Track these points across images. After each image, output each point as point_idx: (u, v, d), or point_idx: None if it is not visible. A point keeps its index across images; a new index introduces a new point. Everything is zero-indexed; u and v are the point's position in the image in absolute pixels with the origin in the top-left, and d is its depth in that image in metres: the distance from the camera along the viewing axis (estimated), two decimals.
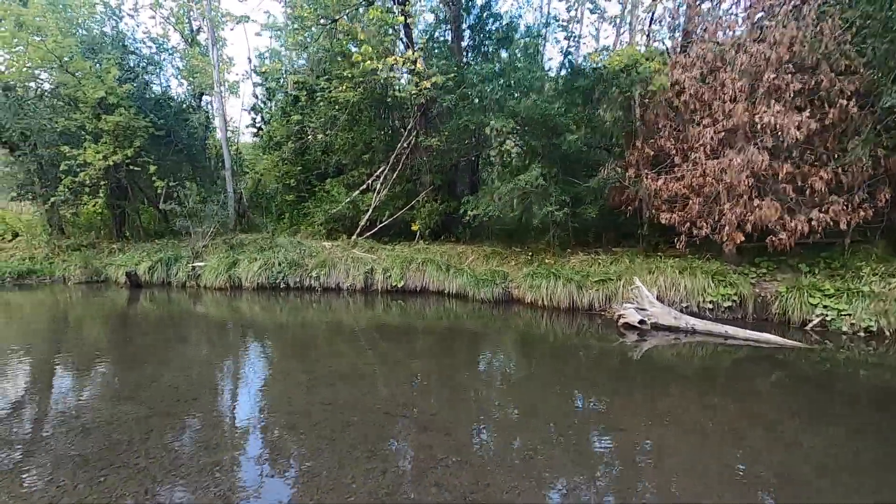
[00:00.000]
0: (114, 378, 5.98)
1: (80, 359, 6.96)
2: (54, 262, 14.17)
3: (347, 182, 13.73)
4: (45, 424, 4.69)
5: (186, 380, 5.79)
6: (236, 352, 7.67)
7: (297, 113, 14.49)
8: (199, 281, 12.15)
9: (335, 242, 12.89)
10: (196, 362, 6.75)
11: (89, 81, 11.72)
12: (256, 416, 4.85)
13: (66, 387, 5.85)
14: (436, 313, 10.06)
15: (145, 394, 5.25)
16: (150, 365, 6.37)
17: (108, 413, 4.76)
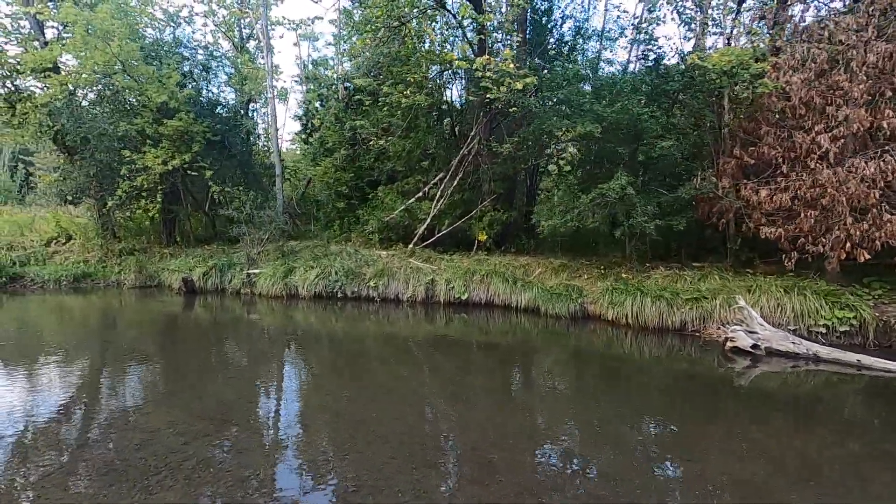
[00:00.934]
0: (164, 384, 5.98)
1: (136, 364, 6.91)
2: (107, 265, 14.18)
3: (401, 190, 13.36)
4: (93, 428, 4.69)
5: (234, 388, 5.82)
6: (288, 362, 7.50)
7: (350, 119, 14.24)
8: (253, 288, 11.89)
9: (391, 251, 12.49)
10: (247, 371, 6.72)
11: (152, 86, 11.69)
12: (297, 429, 4.77)
13: (120, 391, 5.83)
14: (502, 328, 9.52)
15: (194, 402, 5.22)
16: (201, 373, 6.43)
17: (156, 419, 4.73)
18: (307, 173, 18.08)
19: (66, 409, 5.17)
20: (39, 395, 5.62)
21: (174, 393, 5.58)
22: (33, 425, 4.73)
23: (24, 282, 13.01)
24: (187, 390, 5.64)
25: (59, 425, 4.74)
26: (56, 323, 10.02)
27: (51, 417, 4.91)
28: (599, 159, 9.98)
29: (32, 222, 17.68)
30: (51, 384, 6.00)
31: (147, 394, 5.61)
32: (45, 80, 13.17)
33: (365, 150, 14.45)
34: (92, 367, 6.86)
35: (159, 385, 5.95)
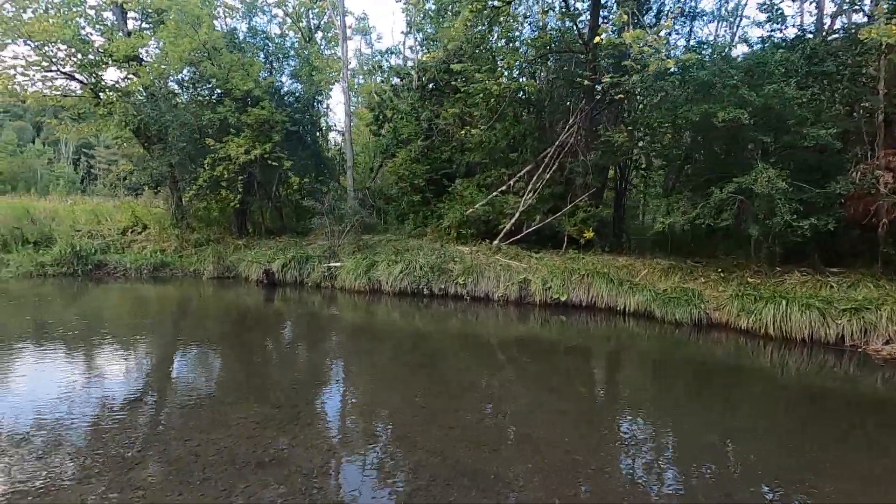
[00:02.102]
0: (241, 374, 5.96)
1: (221, 354, 7.08)
2: (183, 255, 14.19)
3: (482, 183, 12.71)
4: (168, 416, 4.78)
5: (310, 380, 5.99)
6: (364, 358, 7.21)
7: (428, 109, 13.70)
8: (334, 282, 11.53)
9: (473, 247, 11.88)
10: (324, 365, 6.79)
11: (237, 73, 11.47)
12: (362, 426, 4.70)
13: (204, 379, 5.97)
14: (605, 333, 8.77)
15: (270, 393, 5.26)
16: (279, 366, 6.58)
17: (228, 410, 4.72)
18: (373, 165, 17.75)
19: (157, 393, 5.45)
20: (137, 379, 5.86)
21: (254, 382, 5.61)
22: (120, 407, 4.88)
23: (107, 269, 13.15)
24: (265, 381, 5.72)
25: (139, 411, 4.87)
26: (151, 312, 9.91)
27: (136, 401, 5.12)
28: (726, 150, 8.98)
29: (107, 211, 18.12)
30: (148, 369, 6.32)
31: (227, 383, 5.73)
32: (129, 69, 13.23)
33: (442, 142, 13.88)
34: (184, 354, 7.13)
35: (239, 375, 5.99)
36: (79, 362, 6.52)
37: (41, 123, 70.80)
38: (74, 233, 15.07)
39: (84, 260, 12.75)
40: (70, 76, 13.52)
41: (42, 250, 13.37)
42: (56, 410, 4.70)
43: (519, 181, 11.89)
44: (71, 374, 5.90)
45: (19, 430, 4.25)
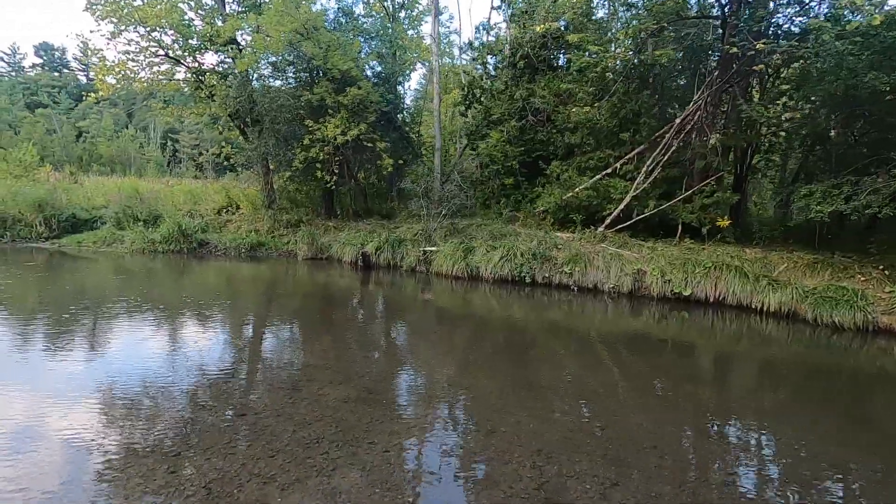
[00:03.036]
0: (332, 354, 5.86)
1: (315, 332, 7.15)
2: (275, 236, 14.52)
3: (583, 165, 11.88)
4: (261, 390, 4.84)
5: (396, 363, 5.90)
6: (455, 344, 6.88)
7: (524, 87, 12.97)
8: (429, 266, 11.27)
9: (574, 234, 11.17)
10: (413, 349, 6.59)
11: (336, 53, 11.31)
12: (441, 412, 4.53)
13: (298, 358, 5.86)
14: (735, 333, 7.83)
15: (358, 373, 5.21)
16: (369, 347, 6.50)
17: (318, 387, 4.73)
18: (454, 148, 17.29)
19: (254, 367, 5.55)
20: (239, 352, 5.99)
21: (344, 361, 5.59)
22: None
23: (209, 247, 13.70)
24: (355, 360, 5.70)
25: (235, 382, 4.96)
26: (253, 289, 10.11)
27: (233, 372, 5.26)
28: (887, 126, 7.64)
29: (202, 192, 19.01)
30: (248, 344, 6.44)
31: (319, 361, 5.62)
32: (230, 53, 13.48)
33: (537, 122, 13.13)
34: (283, 331, 7.22)
35: (331, 354, 5.89)
36: (185, 333, 6.76)
37: (132, 110, 76.02)
38: (176, 212, 15.91)
39: (189, 238, 13.33)
40: (176, 60, 14.01)
41: (150, 228, 14.16)
42: (161, 378, 4.96)
43: (627, 164, 10.96)
44: (180, 344, 6.20)
45: (130, 395, 4.54)
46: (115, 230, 14.22)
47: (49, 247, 13.53)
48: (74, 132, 55.27)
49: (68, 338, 6.18)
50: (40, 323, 6.76)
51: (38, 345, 5.93)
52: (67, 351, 5.72)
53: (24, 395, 4.52)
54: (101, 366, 5.30)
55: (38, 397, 4.43)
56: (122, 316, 7.30)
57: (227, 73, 14.12)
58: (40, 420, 4.01)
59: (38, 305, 7.69)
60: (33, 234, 14.03)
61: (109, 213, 15.00)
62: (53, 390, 4.57)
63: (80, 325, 6.68)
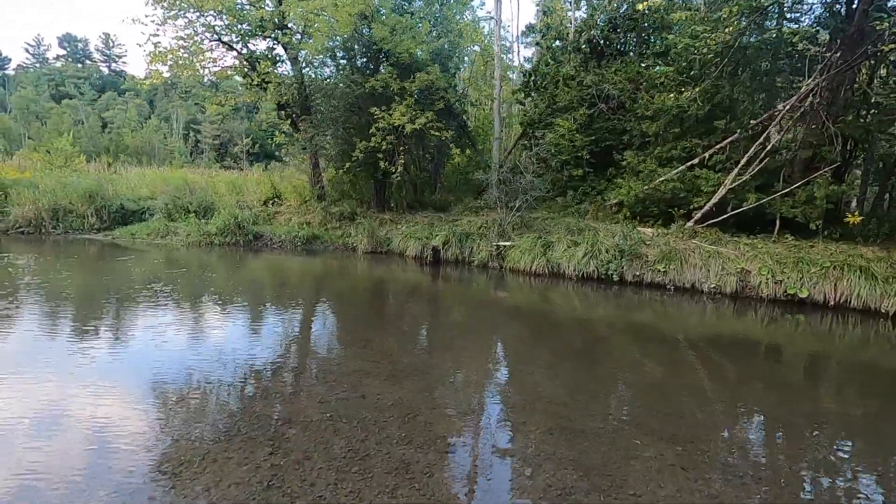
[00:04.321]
0: (394, 353, 5.46)
1: (385, 329, 6.71)
2: (328, 228, 14.06)
3: (664, 155, 11.15)
4: (314, 382, 4.65)
5: (464, 361, 5.48)
6: (526, 344, 6.37)
7: (595, 71, 12.24)
8: (503, 262, 10.70)
9: (660, 229, 10.49)
10: (481, 349, 6.10)
11: (405, 36, 10.69)
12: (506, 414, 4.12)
13: (365, 354, 5.43)
14: (860, 339, 7.14)
15: (416, 378, 4.71)
16: (435, 344, 6.22)
17: (377, 382, 4.50)
18: (504, 137, 16.59)
19: (310, 360, 5.32)
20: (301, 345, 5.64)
21: (408, 356, 5.38)
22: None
23: (263, 240, 13.29)
24: (419, 357, 5.47)
25: (291, 375, 4.83)
26: (322, 285, 9.61)
27: (295, 367, 5.06)
28: None
29: (243, 183, 18.63)
30: (313, 339, 6.11)
31: (386, 357, 5.29)
32: (284, 37, 12.95)
33: (609, 110, 12.41)
34: (353, 327, 6.65)
35: (398, 349, 5.62)
36: (284, 330, 6.32)
37: (153, 100, 76.22)
38: (229, 203, 15.52)
39: (244, 231, 12.93)
40: (229, 46, 13.52)
41: (203, 220, 13.79)
42: (217, 371, 4.73)
43: (718, 153, 10.22)
44: (283, 343, 5.78)
45: (181, 388, 4.32)
46: (166, 222, 13.88)
47: (103, 238, 13.24)
48: (100, 123, 55.68)
49: (172, 333, 5.75)
50: (147, 321, 6.35)
51: (136, 342, 5.51)
52: (172, 348, 5.28)
53: (122, 390, 4.17)
54: (202, 357, 5.01)
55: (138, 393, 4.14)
56: (215, 311, 6.87)
57: (278, 59, 13.62)
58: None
59: (132, 302, 7.30)
60: (86, 226, 13.75)
61: (160, 204, 14.67)
62: (151, 389, 4.23)
63: (180, 322, 6.26)
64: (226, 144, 61.46)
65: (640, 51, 12.46)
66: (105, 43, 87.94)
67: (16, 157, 22.02)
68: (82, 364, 4.74)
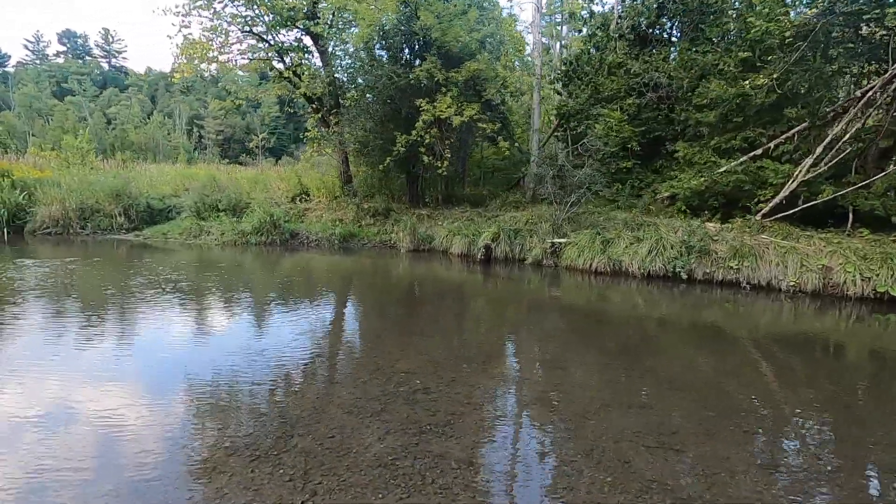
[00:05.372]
0: (454, 349, 5.36)
1: (440, 330, 6.34)
2: (362, 226, 13.62)
3: (723, 146, 10.69)
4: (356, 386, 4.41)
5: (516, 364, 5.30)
6: (577, 345, 6.00)
7: (643, 59, 11.74)
8: (558, 260, 10.27)
9: (726, 224, 10.05)
10: (530, 352, 5.78)
11: (454, 22, 10.19)
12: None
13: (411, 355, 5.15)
14: None
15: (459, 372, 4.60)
16: (480, 342, 5.92)
17: (428, 383, 4.31)
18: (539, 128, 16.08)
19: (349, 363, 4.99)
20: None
21: (454, 355, 5.14)
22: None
23: (298, 238, 12.85)
24: (462, 357, 5.13)
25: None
26: (372, 286, 9.11)
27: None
28: None
29: (266, 179, 18.15)
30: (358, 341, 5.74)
31: (441, 355, 5.11)
32: (316, 27, 12.44)
33: (659, 99, 11.92)
34: (406, 329, 6.02)
35: (452, 350, 5.36)
36: (328, 330, 5.81)
37: (155, 96, 75.53)
38: (250, 200, 15.06)
39: (280, 229, 12.49)
40: (261, 37, 13.01)
41: (236, 218, 13.35)
42: (263, 374, 4.50)
43: (785, 143, 9.76)
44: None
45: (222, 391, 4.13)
46: (197, 221, 13.43)
47: (133, 239, 12.80)
48: (104, 119, 55.08)
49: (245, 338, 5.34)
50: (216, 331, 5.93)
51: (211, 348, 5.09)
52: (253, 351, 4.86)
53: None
54: (273, 361, 4.55)
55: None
56: (276, 313, 6.45)
57: (307, 50, 13.11)
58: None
59: (202, 315, 6.87)
60: (114, 226, 13.31)
61: (188, 202, 14.21)
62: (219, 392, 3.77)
63: (248, 325, 5.84)
64: (229, 140, 60.96)
65: (692, 37, 11.93)
66: (105, 38, 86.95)
67: (29, 156, 21.51)
68: (199, 386, 4.33)
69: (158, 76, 77.35)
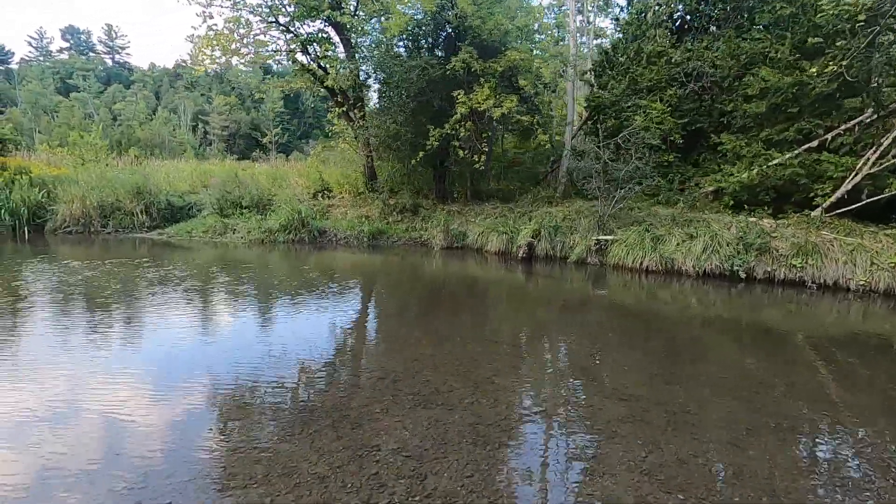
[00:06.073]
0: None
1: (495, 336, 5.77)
2: (389, 222, 13.21)
3: (774, 138, 10.21)
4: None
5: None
6: (621, 345, 5.52)
7: (684, 50, 11.26)
8: (603, 257, 9.84)
9: (782, 220, 9.60)
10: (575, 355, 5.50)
11: (495, 9, 9.71)
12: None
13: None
14: None
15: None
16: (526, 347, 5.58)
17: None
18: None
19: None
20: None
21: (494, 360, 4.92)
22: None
23: (326, 236, 12.45)
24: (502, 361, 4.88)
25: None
26: (415, 286, 8.69)
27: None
28: None
29: (283, 174, 17.72)
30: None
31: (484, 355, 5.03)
32: (338, 17, 11.94)
33: (702, 89, 11.44)
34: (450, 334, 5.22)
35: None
36: (385, 334, 5.36)
37: (159, 92, 75.12)
38: (271, 196, 14.65)
39: (307, 226, 12.09)
40: (286, 28, 12.54)
41: (260, 216, 12.96)
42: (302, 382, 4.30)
43: (844, 135, 9.29)
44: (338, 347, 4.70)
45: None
46: (220, 218, 13.03)
47: (156, 237, 12.42)
48: (110, 116, 54.73)
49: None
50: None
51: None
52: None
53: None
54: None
55: None
56: (340, 318, 6.06)
57: (330, 42, 12.64)
58: None
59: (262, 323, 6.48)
60: (136, 224, 12.92)
61: (209, 199, 13.81)
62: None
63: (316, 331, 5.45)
64: (234, 136, 60.60)
65: (737, 24, 11.42)
66: (108, 34, 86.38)
67: (41, 153, 21.13)
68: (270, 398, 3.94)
69: (162, 72, 76.95)
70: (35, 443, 3.18)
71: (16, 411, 3.59)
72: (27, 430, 3.34)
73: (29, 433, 3.30)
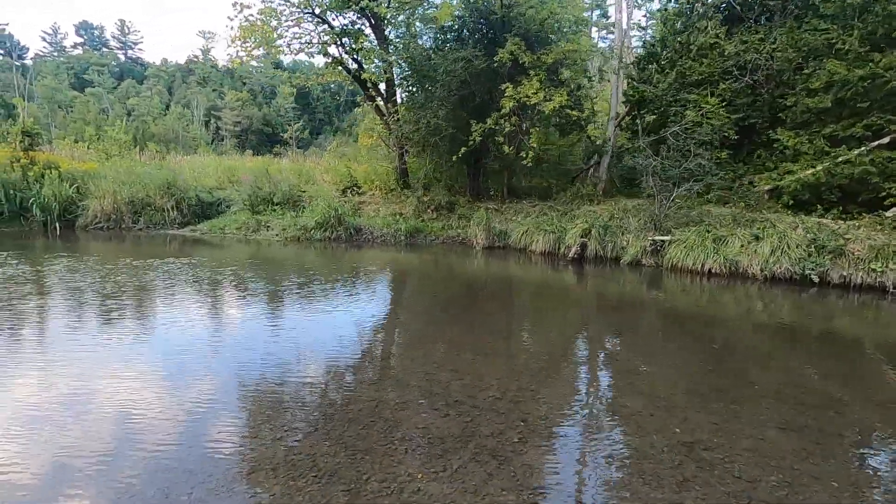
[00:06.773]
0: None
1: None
2: (424, 220, 12.82)
3: (839, 134, 9.70)
4: None
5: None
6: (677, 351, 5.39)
7: (740, 39, 10.75)
8: (660, 259, 9.40)
9: (852, 222, 9.10)
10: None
11: (554, 1, 9.27)
12: None
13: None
14: None
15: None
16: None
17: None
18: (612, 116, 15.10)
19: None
20: None
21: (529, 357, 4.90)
22: None
23: (363, 234, 12.09)
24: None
25: None
26: (489, 292, 8.26)
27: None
28: None
29: (308, 170, 17.39)
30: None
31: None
32: (375, 6, 11.55)
33: (756, 83, 10.93)
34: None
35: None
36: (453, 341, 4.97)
37: (172, 87, 75.13)
38: (301, 192, 14.32)
39: (344, 224, 11.74)
40: (322, 19, 12.17)
41: (294, 212, 12.62)
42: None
43: None
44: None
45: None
46: (252, 215, 12.73)
47: (188, 234, 12.14)
48: (124, 111, 54.81)
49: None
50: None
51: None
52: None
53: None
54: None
55: None
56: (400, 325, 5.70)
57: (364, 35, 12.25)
58: None
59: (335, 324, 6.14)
60: (167, 220, 12.64)
61: (240, 195, 13.51)
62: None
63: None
64: (247, 131, 60.56)
65: (797, 14, 10.88)
66: (121, 29, 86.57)
67: (63, 148, 20.95)
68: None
69: (175, 67, 76.98)
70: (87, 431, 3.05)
71: (49, 403, 3.55)
72: (54, 420, 3.37)
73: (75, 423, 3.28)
